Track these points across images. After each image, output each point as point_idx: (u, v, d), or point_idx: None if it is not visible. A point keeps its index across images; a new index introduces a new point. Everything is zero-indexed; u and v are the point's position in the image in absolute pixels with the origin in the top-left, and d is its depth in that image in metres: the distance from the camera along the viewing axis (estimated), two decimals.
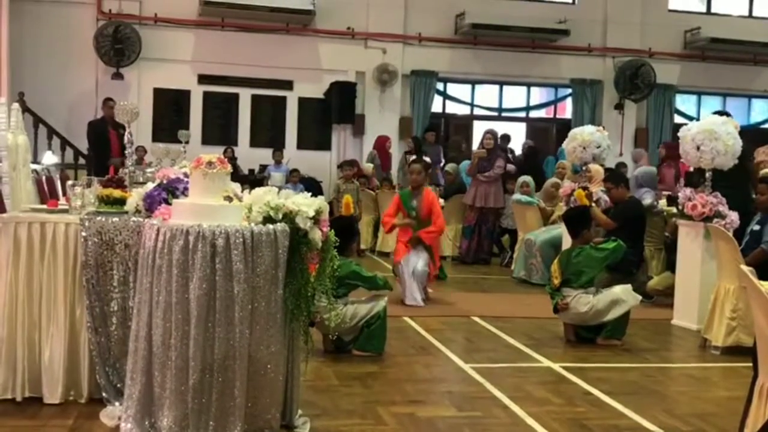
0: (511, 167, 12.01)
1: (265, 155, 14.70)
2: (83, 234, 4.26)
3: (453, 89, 16.51)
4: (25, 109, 12.03)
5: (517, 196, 10.62)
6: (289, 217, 3.86)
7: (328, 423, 4.26)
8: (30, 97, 12.50)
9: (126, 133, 5.37)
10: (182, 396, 3.72)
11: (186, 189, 4.27)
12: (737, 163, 7.02)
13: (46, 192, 7.83)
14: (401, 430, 4.23)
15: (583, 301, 6.34)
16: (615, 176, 8.83)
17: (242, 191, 4.11)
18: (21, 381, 4.31)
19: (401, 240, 8.23)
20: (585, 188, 8.69)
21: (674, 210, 7.95)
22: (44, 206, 4.85)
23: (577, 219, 6.78)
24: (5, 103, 7.56)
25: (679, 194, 7.26)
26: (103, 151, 11.42)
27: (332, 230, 4.09)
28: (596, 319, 6.38)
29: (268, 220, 3.86)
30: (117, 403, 4.17)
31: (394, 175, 13.83)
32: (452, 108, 16.71)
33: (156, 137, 13.78)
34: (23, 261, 4.29)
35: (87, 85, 14.24)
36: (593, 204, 8.49)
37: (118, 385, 4.23)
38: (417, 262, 7.96)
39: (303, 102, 15.44)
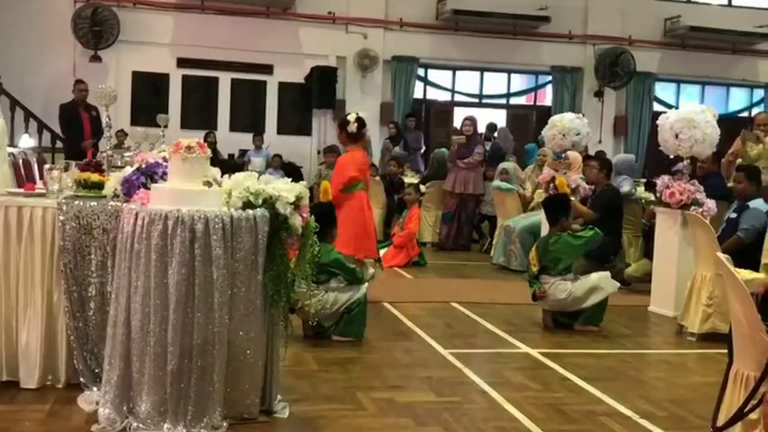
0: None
1: (245, 140, 14.63)
2: (61, 218, 4.23)
3: (434, 75, 16.49)
4: (2, 92, 11.90)
5: (496, 182, 10.64)
6: (269, 203, 3.86)
7: (307, 408, 4.27)
8: (6, 79, 12.32)
9: (104, 117, 5.33)
10: (161, 381, 3.72)
11: (165, 174, 4.24)
12: None
13: (23, 175, 7.73)
14: (380, 415, 4.25)
15: (561, 288, 6.38)
16: (603, 161, 8.84)
17: (222, 176, 4.09)
18: None
19: None
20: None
21: (652, 197, 8.00)
22: (21, 190, 4.80)
23: (556, 206, 6.80)
24: None
25: (658, 181, 7.31)
26: (75, 133, 11.31)
27: (312, 216, 4.09)
28: (575, 306, 6.43)
29: (247, 205, 3.85)
30: (95, 388, 4.15)
31: (376, 161, 13.77)
32: (433, 94, 16.69)
33: (135, 121, 13.65)
34: (0, 245, 4.25)
35: (64, 67, 14.05)
36: (572, 198, 8.50)
37: (96, 370, 4.21)
38: None
39: (283, 86, 15.36)
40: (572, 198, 8.45)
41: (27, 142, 12.06)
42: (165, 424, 3.72)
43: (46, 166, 4.78)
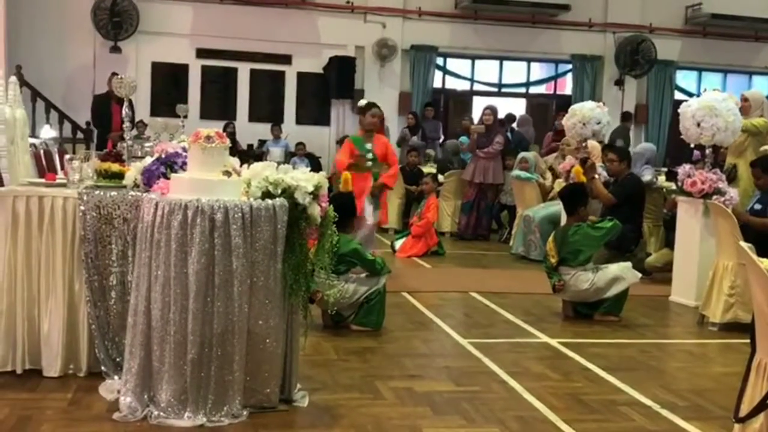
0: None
1: (263, 130, 14.67)
2: (81, 208, 4.25)
3: (453, 64, 16.42)
4: (23, 83, 11.95)
5: (516, 172, 10.60)
6: (287, 192, 3.86)
7: (326, 397, 4.28)
8: (27, 70, 12.42)
9: (124, 108, 5.35)
10: (181, 370, 3.74)
11: (184, 163, 4.25)
12: None
13: (45, 166, 7.80)
14: (399, 405, 4.25)
15: (582, 279, 6.34)
16: (622, 151, 8.79)
17: (241, 166, 4.10)
18: (21, 354, 4.32)
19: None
20: (586, 160, 8.65)
21: (673, 186, 7.95)
22: (42, 180, 4.84)
23: (573, 196, 6.75)
24: (3, 77, 7.53)
25: (679, 170, 7.25)
26: (103, 125, 11.40)
27: (331, 206, 4.09)
28: (596, 296, 6.39)
29: (266, 195, 3.86)
30: (116, 377, 4.18)
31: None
32: (452, 83, 16.63)
33: (154, 111, 13.74)
34: (22, 235, 4.29)
35: (85, 58, 14.14)
36: (595, 177, 8.45)
37: (117, 359, 4.25)
38: (372, 213, 7.77)
39: (302, 77, 15.36)
40: (595, 177, 8.40)
41: (48, 132, 12.15)
42: (185, 413, 3.75)
43: (67, 157, 4.80)
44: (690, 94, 15.41)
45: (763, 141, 7.86)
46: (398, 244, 9.79)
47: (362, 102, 8.26)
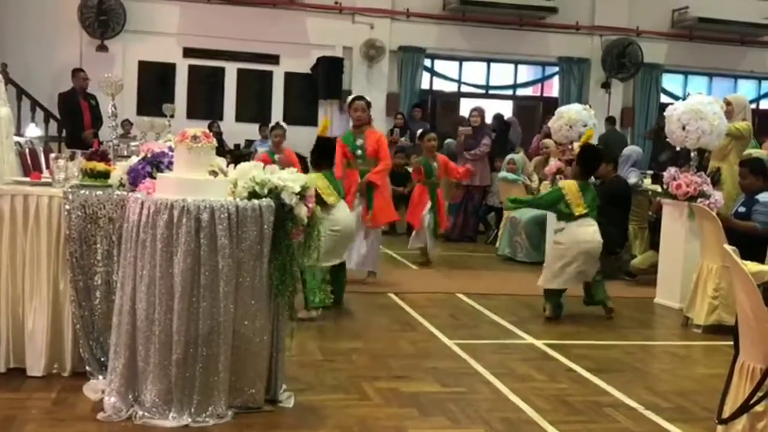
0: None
1: (251, 130, 14.64)
2: (67, 207, 4.23)
3: (440, 66, 16.44)
4: (8, 81, 11.88)
5: (503, 173, 10.62)
6: (274, 193, 3.86)
7: (312, 398, 4.27)
8: (13, 68, 12.35)
9: (110, 106, 5.32)
10: (166, 370, 3.73)
11: (170, 163, 4.24)
12: None
13: (30, 164, 7.75)
14: (385, 405, 4.25)
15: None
16: (609, 156, 8.81)
17: (227, 166, 4.09)
18: (5, 352, 4.31)
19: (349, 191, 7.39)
20: (571, 162, 8.66)
21: (659, 189, 7.98)
22: (27, 179, 4.81)
23: (592, 156, 6.81)
24: None
25: (665, 173, 7.29)
26: (74, 122, 11.33)
27: (318, 147, 4.14)
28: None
29: (253, 195, 3.86)
30: (101, 377, 4.17)
31: None
32: (439, 85, 16.65)
33: (141, 110, 13.65)
34: (6, 233, 4.27)
35: (71, 57, 14.05)
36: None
37: (102, 359, 4.23)
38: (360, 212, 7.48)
39: (289, 77, 15.35)
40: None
41: (33, 131, 12.09)
42: (170, 413, 3.73)
43: (52, 155, 4.78)
44: (676, 98, 15.47)
45: (746, 145, 7.91)
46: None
47: (350, 97, 8.01)
